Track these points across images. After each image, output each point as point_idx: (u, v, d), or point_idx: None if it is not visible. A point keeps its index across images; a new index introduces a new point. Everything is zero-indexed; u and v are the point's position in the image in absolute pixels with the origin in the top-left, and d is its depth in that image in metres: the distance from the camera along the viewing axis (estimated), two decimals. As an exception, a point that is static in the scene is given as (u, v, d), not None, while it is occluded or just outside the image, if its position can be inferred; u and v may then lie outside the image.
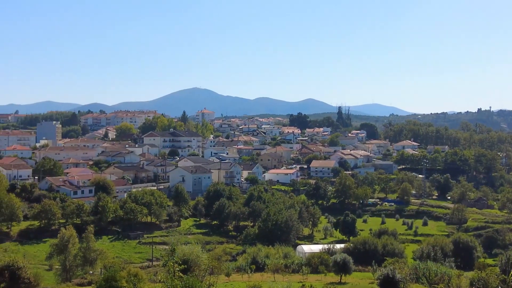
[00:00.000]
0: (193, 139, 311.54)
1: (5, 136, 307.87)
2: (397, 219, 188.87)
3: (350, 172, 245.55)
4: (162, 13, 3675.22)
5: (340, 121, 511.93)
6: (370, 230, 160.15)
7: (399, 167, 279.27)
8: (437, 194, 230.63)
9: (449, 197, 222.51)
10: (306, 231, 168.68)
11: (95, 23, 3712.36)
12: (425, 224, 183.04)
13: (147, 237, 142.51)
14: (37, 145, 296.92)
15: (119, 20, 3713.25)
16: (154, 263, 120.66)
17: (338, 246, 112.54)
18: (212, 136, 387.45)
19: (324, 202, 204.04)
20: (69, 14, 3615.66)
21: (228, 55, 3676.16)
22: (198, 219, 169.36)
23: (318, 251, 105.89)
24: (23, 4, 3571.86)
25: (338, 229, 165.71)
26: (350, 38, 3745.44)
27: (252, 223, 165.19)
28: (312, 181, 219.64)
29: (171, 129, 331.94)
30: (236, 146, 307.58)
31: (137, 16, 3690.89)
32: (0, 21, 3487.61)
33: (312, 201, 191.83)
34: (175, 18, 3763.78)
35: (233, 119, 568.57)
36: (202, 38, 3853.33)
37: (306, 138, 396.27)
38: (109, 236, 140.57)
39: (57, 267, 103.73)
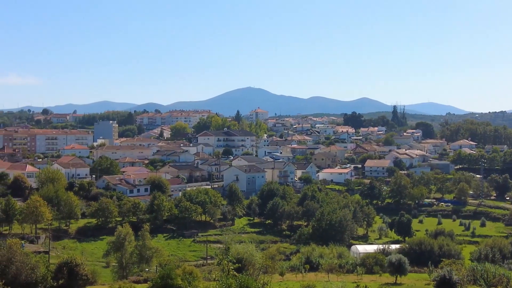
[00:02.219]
0: (247, 138, 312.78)
1: (64, 135, 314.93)
2: (454, 220, 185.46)
3: (405, 171, 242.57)
4: (217, 13, 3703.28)
5: (395, 120, 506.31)
6: (426, 230, 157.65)
7: (456, 167, 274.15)
8: (495, 195, 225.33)
9: (508, 198, 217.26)
10: (361, 231, 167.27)
11: (150, 23, 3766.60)
12: (483, 225, 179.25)
13: (202, 235, 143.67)
14: (95, 144, 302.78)
15: (174, 20, 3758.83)
16: (209, 261, 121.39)
17: (393, 246, 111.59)
18: (265, 135, 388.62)
19: (379, 202, 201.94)
20: (126, 15, 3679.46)
21: (282, 55, 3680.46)
22: (252, 218, 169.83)
23: (373, 251, 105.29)
24: (80, 5, 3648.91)
25: (393, 230, 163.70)
26: (405, 36, 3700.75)
27: (306, 223, 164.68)
28: (367, 181, 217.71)
29: (225, 129, 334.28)
30: (289, 146, 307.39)
31: (192, 16, 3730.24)
32: (57, 24, 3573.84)
33: (367, 201, 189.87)
34: (230, 18, 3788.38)
35: (286, 119, 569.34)
36: (256, 38, 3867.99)
37: (361, 137, 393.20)
38: (164, 234, 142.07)
39: (114, 264, 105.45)
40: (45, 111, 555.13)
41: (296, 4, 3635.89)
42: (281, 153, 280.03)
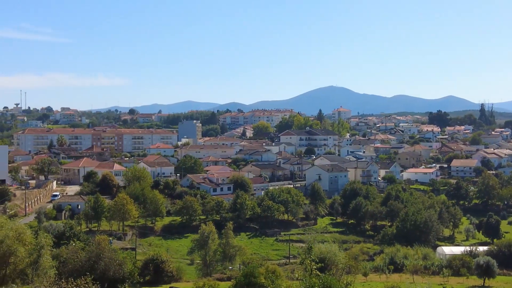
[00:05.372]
0: (329, 137, 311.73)
1: (149, 135, 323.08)
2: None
3: (493, 171, 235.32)
4: (301, 11, 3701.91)
5: (482, 118, 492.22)
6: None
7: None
8: None
9: None
10: (447, 232, 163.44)
11: (233, 23, 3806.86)
12: None
13: (284, 234, 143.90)
14: (179, 143, 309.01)
15: (257, 20, 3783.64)
16: (291, 260, 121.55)
17: (481, 248, 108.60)
18: (348, 134, 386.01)
19: (466, 203, 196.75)
20: (210, 16, 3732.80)
21: (365, 53, 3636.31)
22: (334, 218, 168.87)
23: (459, 253, 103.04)
24: (165, 6, 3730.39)
25: (481, 231, 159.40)
26: (494, 30, 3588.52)
27: (389, 223, 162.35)
28: (453, 181, 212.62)
29: (307, 128, 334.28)
30: (372, 145, 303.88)
31: (275, 15, 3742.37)
32: (144, 26, 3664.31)
33: (453, 201, 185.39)
34: (313, 16, 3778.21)
35: (369, 117, 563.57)
36: (338, 37, 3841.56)
37: (446, 136, 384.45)
38: (247, 233, 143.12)
39: (198, 261, 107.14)
40: (132, 111, 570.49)
41: (378, 3, 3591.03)
42: (364, 152, 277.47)
